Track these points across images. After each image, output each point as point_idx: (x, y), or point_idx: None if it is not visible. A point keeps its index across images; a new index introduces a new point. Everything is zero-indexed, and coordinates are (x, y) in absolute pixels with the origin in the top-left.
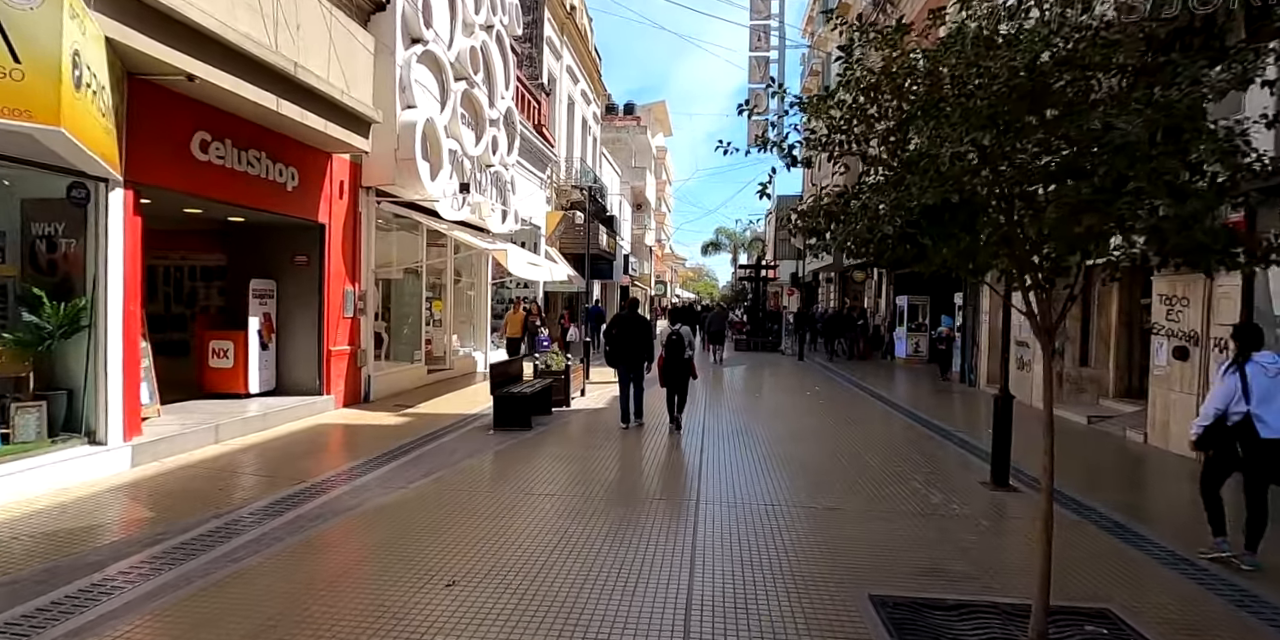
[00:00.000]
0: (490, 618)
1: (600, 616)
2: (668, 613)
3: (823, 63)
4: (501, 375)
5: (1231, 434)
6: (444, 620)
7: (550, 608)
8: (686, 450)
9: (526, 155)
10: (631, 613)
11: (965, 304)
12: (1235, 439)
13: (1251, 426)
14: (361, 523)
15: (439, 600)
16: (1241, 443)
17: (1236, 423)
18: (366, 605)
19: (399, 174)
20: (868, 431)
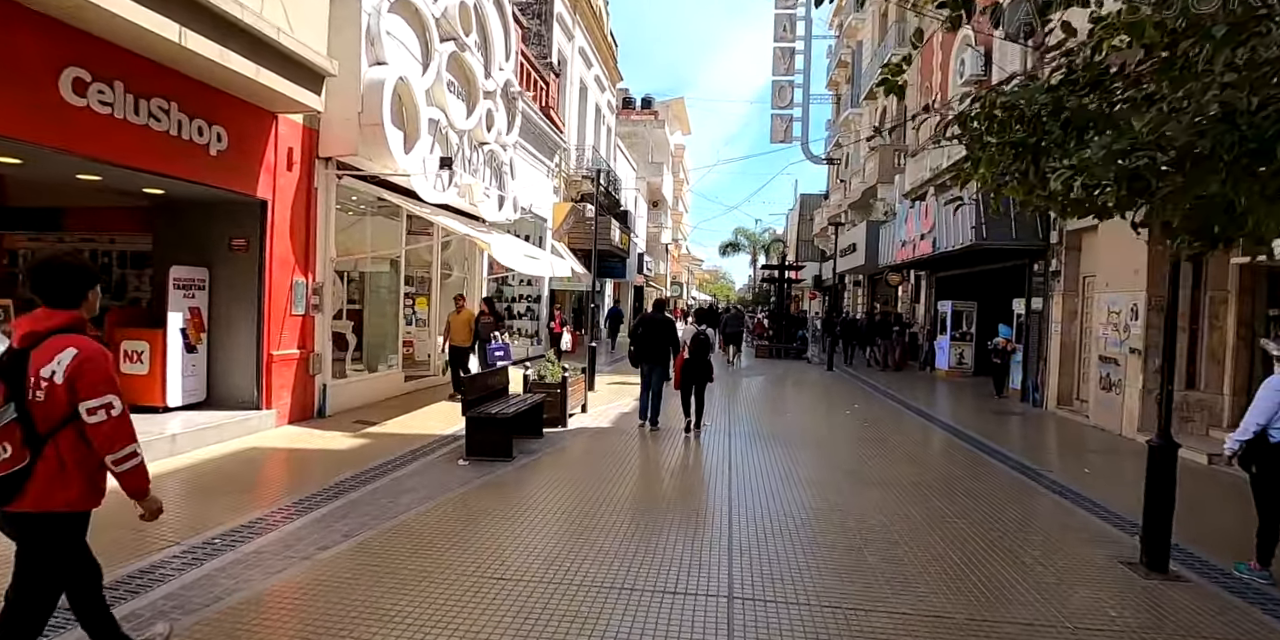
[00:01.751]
0: None
1: None
2: None
3: (852, 53)
4: (479, 389)
5: (1275, 452)
6: None
7: None
8: (711, 502)
9: (531, 139)
10: None
11: (1029, 312)
12: (1278, 457)
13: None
14: (210, 633)
15: None
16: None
17: (1277, 442)
18: None
19: (364, 142)
20: (934, 471)
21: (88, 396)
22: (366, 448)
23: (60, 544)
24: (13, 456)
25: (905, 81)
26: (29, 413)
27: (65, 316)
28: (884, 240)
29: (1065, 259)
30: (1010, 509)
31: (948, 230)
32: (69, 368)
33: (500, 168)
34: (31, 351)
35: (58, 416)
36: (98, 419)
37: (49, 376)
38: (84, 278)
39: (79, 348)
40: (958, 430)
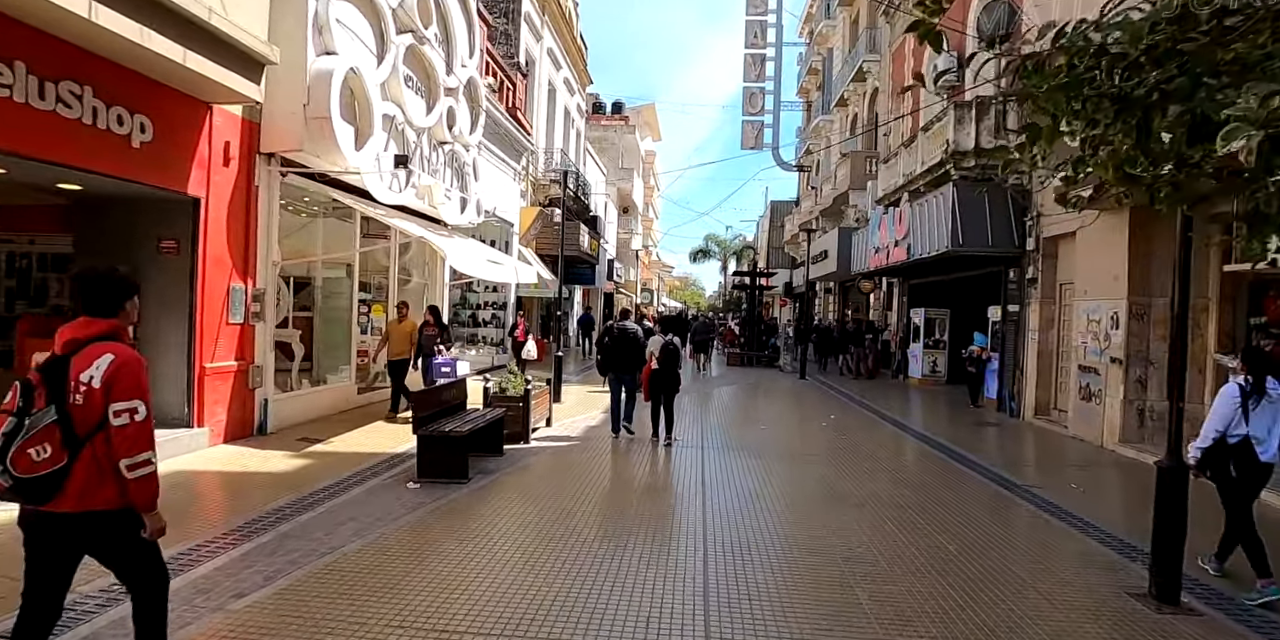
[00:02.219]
0: None
1: None
2: None
3: (823, 61)
4: (431, 404)
5: (1229, 455)
6: None
7: None
8: (684, 531)
9: (497, 141)
10: None
11: (1005, 319)
12: (1232, 460)
13: (1251, 449)
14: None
15: None
16: (1237, 464)
17: (1236, 444)
18: None
19: (310, 138)
20: (917, 489)
21: (117, 398)
22: (308, 469)
23: (131, 538)
24: (52, 457)
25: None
26: (69, 416)
27: (104, 325)
28: (856, 247)
29: (1042, 266)
30: (1003, 532)
31: (923, 236)
32: (106, 373)
33: (462, 169)
34: (72, 358)
35: (95, 420)
36: (122, 422)
37: (88, 381)
38: (123, 289)
39: (116, 354)
40: (937, 443)
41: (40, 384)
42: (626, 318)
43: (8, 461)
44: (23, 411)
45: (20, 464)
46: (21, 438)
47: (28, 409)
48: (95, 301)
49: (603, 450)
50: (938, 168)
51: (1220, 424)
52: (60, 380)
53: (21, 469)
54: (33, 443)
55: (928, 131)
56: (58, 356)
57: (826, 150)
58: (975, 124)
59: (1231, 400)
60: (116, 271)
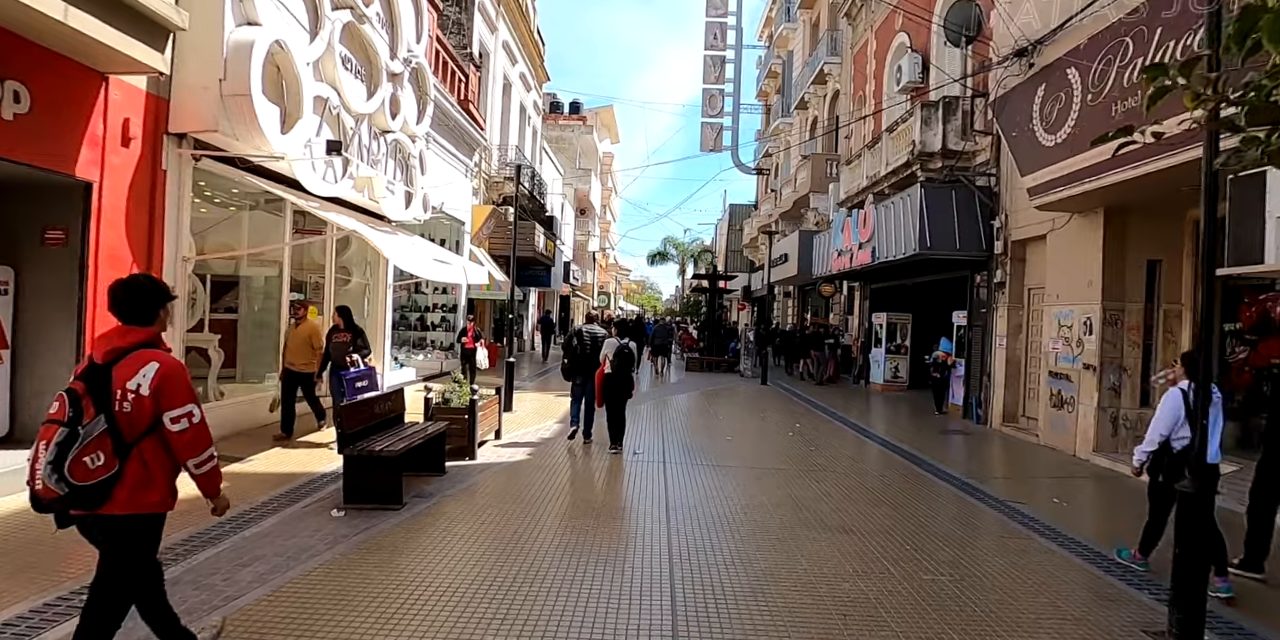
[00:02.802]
0: None
1: None
2: None
3: (783, 64)
4: (361, 419)
5: (1178, 460)
6: None
7: None
8: (647, 566)
9: (447, 134)
10: None
11: (970, 324)
12: (1184, 465)
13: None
14: None
15: None
16: (1190, 468)
17: (1183, 449)
18: None
19: (228, 117)
20: (897, 509)
21: (171, 406)
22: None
23: (144, 544)
24: (105, 464)
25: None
26: (117, 423)
27: (143, 333)
28: (818, 250)
29: (1010, 270)
30: (998, 560)
31: (888, 239)
32: (154, 380)
33: (408, 160)
34: (114, 366)
35: (143, 426)
36: (180, 427)
37: (135, 389)
38: (157, 297)
39: (160, 362)
40: (910, 454)
41: (85, 393)
42: (592, 322)
43: (65, 470)
44: (74, 421)
45: (77, 472)
46: (77, 447)
47: (79, 418)
48: (132, 310)
49: (556, 466)
50: (903, 169)
51: (1165, 428)
52: (105, 389)
53: (79, 477)
54: (88, 451)
55: (893, 132)
56: (98, 365)
57: (786, 152)
58: (943, 124)
59: (1175, 406)
60: (150, 280)
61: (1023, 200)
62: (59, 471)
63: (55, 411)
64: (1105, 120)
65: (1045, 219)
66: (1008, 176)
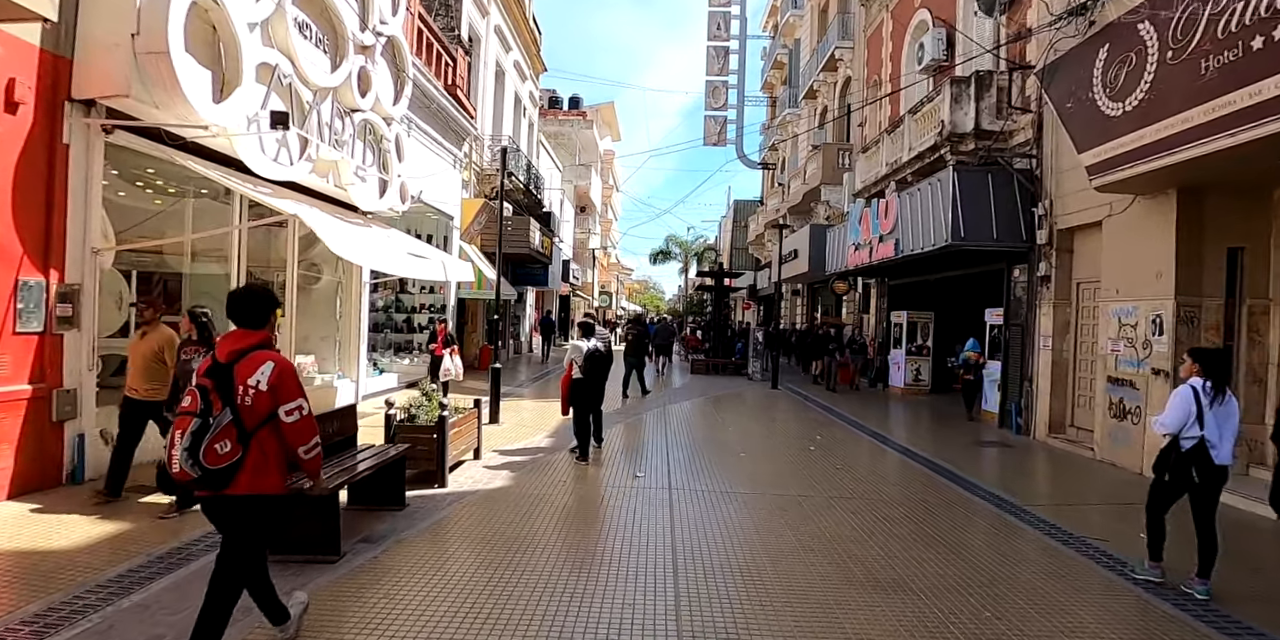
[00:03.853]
0: None
1: None
2: None
3: (789, 53)
4: None
5: (1186, 459)
6: None
7: None
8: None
9: (432, 120)
10: None
11: (1007, 323)
12: (1190, 464)
13: (1205, 453)
14: None
15: None
16: (1196, 468)
17: (1190, 448)
18: None
19: (144, 80)
20: (961, 555)
21: (285, 400)
22: (113, 541)
23: (262, 521)
24: (231, 451)
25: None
26: (239, 414)
27: (259, 336)
28: (831, 244)
29: (1056, 262)
30: (1111, 633)
31: (914, 230)
32: (271, 377)
33: (381, 144)
34: (235, 365)
35: (261, 417)
36: (293, 418)
37: (255, 384)
38: (269, 303)
39: (275, 362)
40: (950, 472)
41: (213, 389)
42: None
43: (200, 455)
44: (205, 412)
45: (209, 458)
46: (209, 435)
47: (209, 410)
48: (247, 316)
49: (541, 494)
50: (929, 153)
51: (1173, 426)
52: (228, 385)
53: (210, 461)
54: (217, 439)
55: (916, 114)
56: (221, 364)
57: (794, 145)
58: (975, 102)
59: (1184, 402)
60: (262, 289)
61: (1071, 183)
62: (194, 457)
63: (189, 404)
64: (1191, 81)
65: (1101, 203)
66: (1052, 157)
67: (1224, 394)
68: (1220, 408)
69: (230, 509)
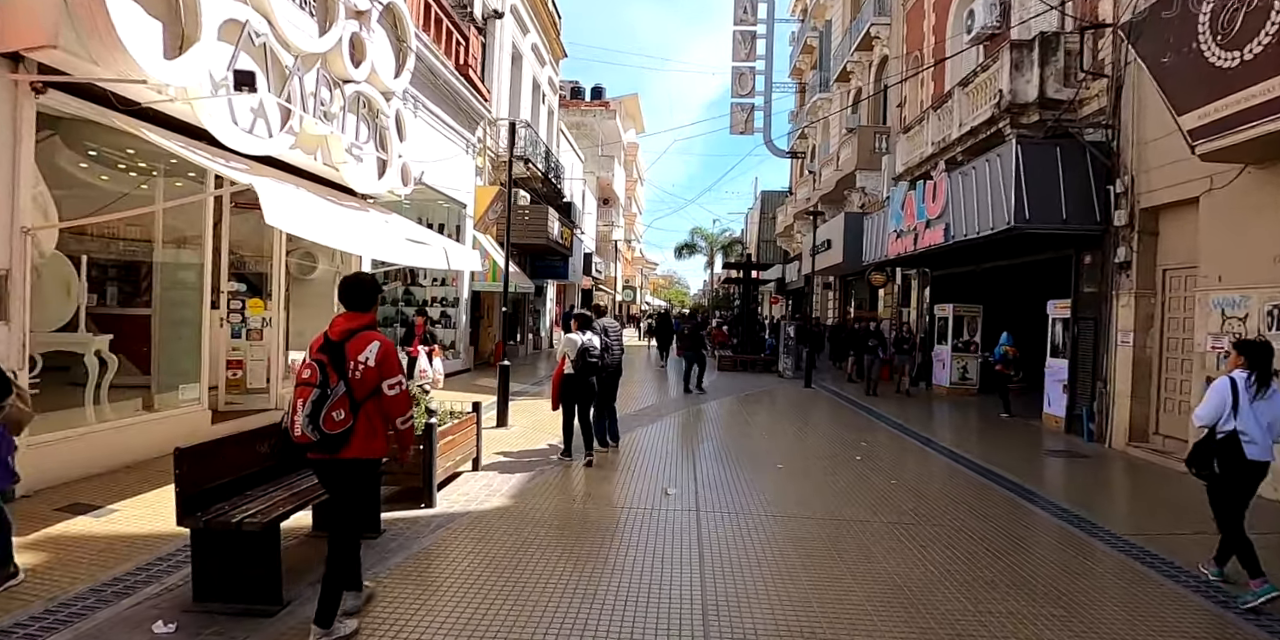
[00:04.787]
0: None
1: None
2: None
3: (819, 36)
4: (219, 466)
5: (1213, 449)
6: None
7: None
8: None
9: (442, 102)
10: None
11: (1076, 317)
12: (1216, 455)
13: (1236, 445)
14: None
15: None
16: (1220, 460)
17: (1222, 439)
18: None
19: (77, 29)
20: (1080, 608)
21: (388, 376)
22: (21, 581)
23: (370, 481)
24: (344, 419)
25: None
26: (350, 387)
27: (366, 318)
28: (869, 233)
29: (1139, 246)
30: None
31: (967, 214)
32: (378, 355)
33: (379, 120)
34: (346, 344)
35: (368, 389)
36: (394, 392)
37: (364, 360)
38: (375, 290)
39: (380, 342)
40: (1026, 490)
41: (328, 364)
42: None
43: (320, 421)
44: (324, 384)
45: (328, 424)
46: (328, 404)
47: (327, 382)
48: (357, 301)
49: (547, 518)
50: (984, 128)
51: (1208, 419)
52: (341, 360)
53: (329, 427)
54: (334, 408)
55: (968, 86)
56: (334, 342)
57: (825, 130)
58: (1039, 68)
59: (1220, 394)
60: (369, 277)
61: (1158, 155)
62: (315, 422)
63: (309, 377)
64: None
65: (1198, 176)
66: (1133, 127)
67: (1268, 387)
68: (1262, 402)
69: (343, 470)
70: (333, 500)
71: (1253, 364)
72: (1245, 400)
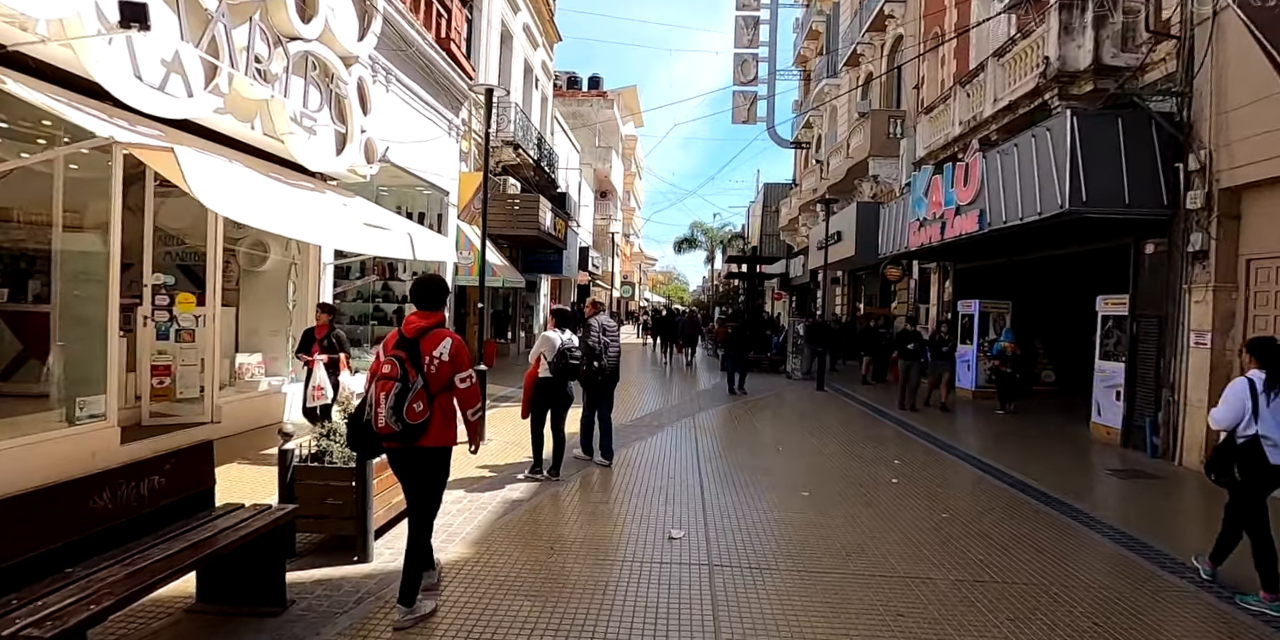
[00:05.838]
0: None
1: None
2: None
3: (826, 20)
4: (28, 532)
5: (1234, 454)
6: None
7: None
8: None
9: (423, 81)
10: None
11: (1136, 314)
12: (1237, 460)
13: (1260, 450)
14: None
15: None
16: (1241, 466)
17: (1244, 444)
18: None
19: None
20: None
21: (459, 369)
22: None
23: (446, 467)
24: (423, 410)
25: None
26: (426, 381)
27: (438, 317)
28: (886, 223)
29: (1219, 232)
30: None
31: (1008, 198)
32: (450, 351)
33: (337, 88)
34: (420, 340)
35: (442, 383)
36: (466, 385)
37: (439, 355)
38: (445, 290)
39: (452, 339)
40: (1106, 526)
41: (406, 360)
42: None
43: (403, 413)
44: (404, 378)
45: (410, 415)
46: (409, 397)
47: (406, 377)
48: (428, 301)
49: (516, 575)
50: (1026, 101)
51: (1226, 422)
52: (417, 355)
53: (411, 418)
54: (415, 400)
55: (1003, 57)
56: (408, 339)
57: (832, 118)
58: (1093, 30)
59: (1238, 395)
60: (439, 280)
61: (1243, 126)
62: (398, 414)
63: (390, 371)
64: None
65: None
66: (1211, 94)
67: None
68: (1279, 402)
69: (421, 458)
70: (409, 487)
71: (1264, 362)
72: (1264, 402)
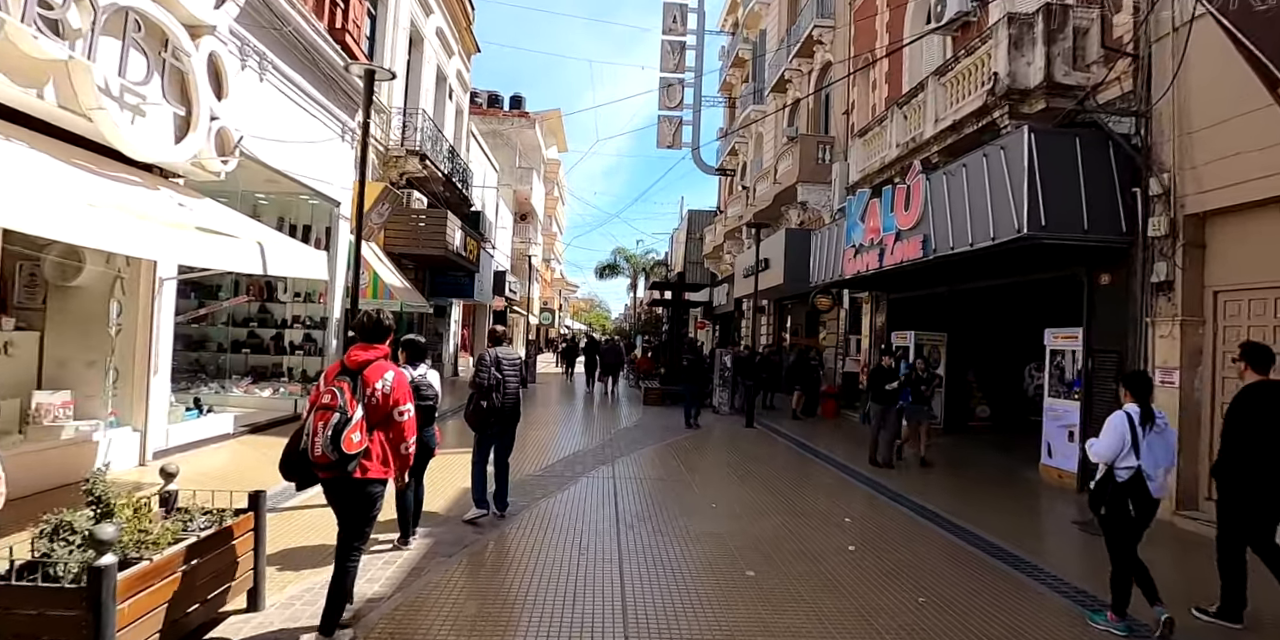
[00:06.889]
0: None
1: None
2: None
3: (752, 48)
4: None
5: (1122, 491)
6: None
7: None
8: None
9: (311, 75)
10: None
11: (1093, 350)
12: (1127, 496)
13: (1142, 484)
14: None
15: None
16: (1134, 501)
17: (1127, 480)
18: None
19: None
20: None
21: (398, 403)
22: None
23: (376, 499)
24: (360, 440)
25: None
26: (366, 412)
27: (380, 350)
28: (818, 250)
29: (1184, 262)
30: None
31: (955, 223)
32: (391, 384)
33: (179, 61)
34: (363, 372)
35: (381, 415)
36: (404, 418)
37: (380, 388)
38: (388, 327)
39: (394, 372)
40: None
41: (348, 390)
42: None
43: (340, 443)
44: (344, 409)
45: (346, 444)
46: (346, 427)
47: (346, 407)
48: (371, 335)
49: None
50: (972, 120)
51: (1108, 455)
52: (357, 387)
53: (347, 448)
54: (352, 430)
55: (944, 75)
56: (351, 370)
57: (758, 145)
58: (1044, 46)
59: (1117, 429)
60: (383, 315)
61: (1210, 148)
62: (335, 444)
63: (329, 401)
64: None
65: (1272, 170)
66: (1175, 114)
67: (1153, 421)
68: (1154, 435)
69: (353, 489)
70: (340, 516)
71: (1137, 397)
72: (1141, 434)
